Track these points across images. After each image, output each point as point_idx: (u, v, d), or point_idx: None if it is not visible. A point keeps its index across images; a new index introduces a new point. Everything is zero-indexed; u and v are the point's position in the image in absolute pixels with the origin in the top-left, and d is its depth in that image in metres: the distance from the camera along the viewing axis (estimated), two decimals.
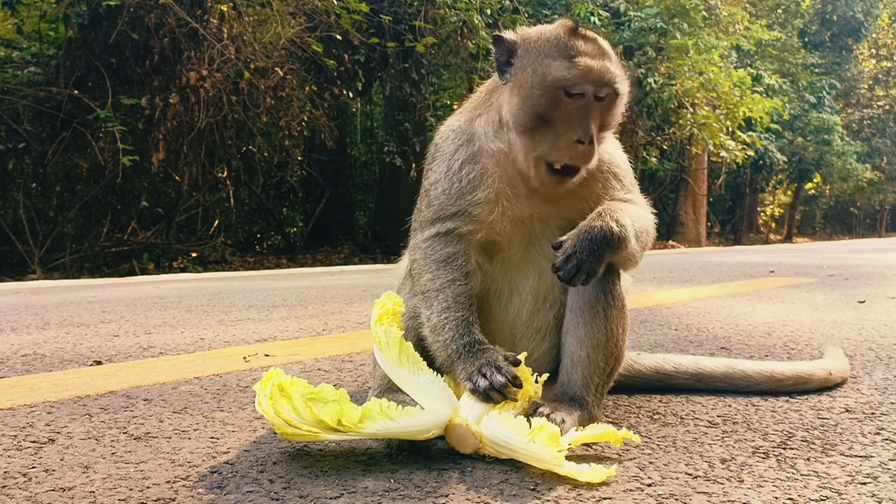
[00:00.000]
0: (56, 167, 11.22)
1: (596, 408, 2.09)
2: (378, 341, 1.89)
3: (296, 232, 16.87)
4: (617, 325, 2.09)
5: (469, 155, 2.03)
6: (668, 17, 17.66)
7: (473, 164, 2.02)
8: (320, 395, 1.80)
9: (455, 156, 2.05)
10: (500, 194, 2.00)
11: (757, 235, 35.17)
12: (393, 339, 1.88)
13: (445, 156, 2.08)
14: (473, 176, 2.01)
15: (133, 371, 2.96)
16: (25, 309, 5.28)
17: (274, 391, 1.80)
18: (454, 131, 2.11)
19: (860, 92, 40.22)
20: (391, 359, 1.87)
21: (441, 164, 2.08)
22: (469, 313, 1.98)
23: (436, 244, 2.04)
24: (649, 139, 19.46)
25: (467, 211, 2.01)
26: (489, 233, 2.03)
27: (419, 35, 13.09)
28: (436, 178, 2.07)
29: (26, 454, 1.89)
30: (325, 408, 1.76)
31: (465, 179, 2.01)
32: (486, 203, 2.00)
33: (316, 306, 5.40)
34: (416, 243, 2.09)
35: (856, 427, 2.12)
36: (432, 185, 2.08)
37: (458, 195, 2.02)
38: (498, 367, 1.85)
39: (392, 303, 1.96)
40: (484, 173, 2.01)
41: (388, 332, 1.89)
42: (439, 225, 2.04)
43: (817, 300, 5.66)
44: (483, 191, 2.00)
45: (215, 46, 11.11)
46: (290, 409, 1.78)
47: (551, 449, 1.68)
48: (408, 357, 1.87)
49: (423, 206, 2.12)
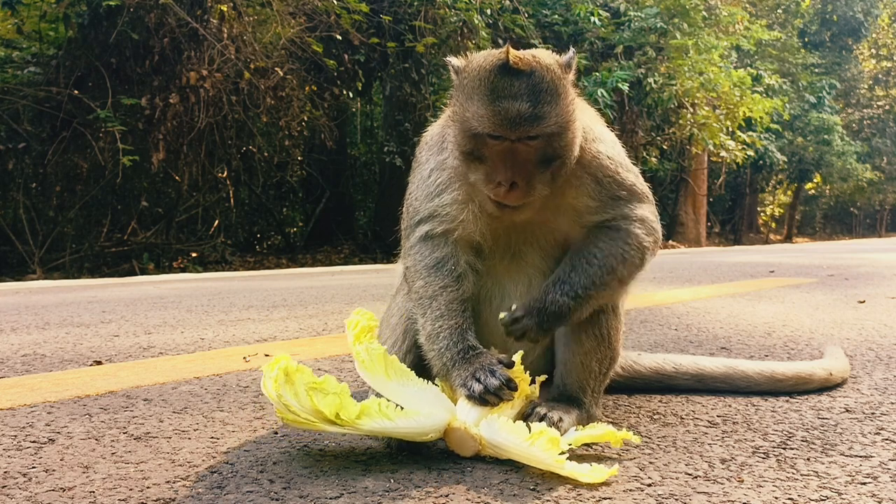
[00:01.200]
0: (56, 167, 11.22)
1: (594, 406, 2.10)
2: (361, 361, 1.90)
3: (296, 232, 16.87)
4: (609, 328, 2.10)
5: (438, 163, 2.06)
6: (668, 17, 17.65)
7: (441, 170, 2.04)
8: (322, 385, 1.80)
9: (426, 164, 2.09)
10: (470, 197, 1.99)
11: (757, 235, 35.17)
12: (376, 356, 1.89)
13: (420, 165, 2.13)
14: (441, 181, 2.03)
15: (133, 371, 2.96)
16: (25, 309, 5.28)
17: (279, 375, 1.81)
18: (427, 143, 2.15)
19: (860, 92, 40.22)
20: (378, 374, 1.88)
21: (417, 173, 2.13)
22: (462, 320, 1.98)
23: (423, 249, 2.05)
24: (649, 139, 19.46)
25: (438, 213, 2.03)
26: (467, 232, 2.02)
27: (419, 35, 13.09)
28: (412, 188, 2.13)
29: (26, 454, 1.89)
30: (326, 399, 1.77)
31: (433, 185, 2.04)
32: (454, 203, 2.00)
33: (316, 306, 5.40)
34: (406, 250, 2.12)
35: (856, 427, 2.12)
36: (410, 195, 2.13)
37: (428, 199, 2.04)
38: (492, 370, 1.85)
39: (365, 319, 1.99)
40: (452, 178, 2.02)
41: (369, 350, 1.90)
42: (419, 229, 2.06)
43: (817, 300, 5.66)
44: (450, 193, 2.01)
45: (215, 46, 11.11)
46: (292, 395, 1.79)
47: (552, 452, 1.68)
48: (395, 370, 1.89)
49: (405, 214, 2.16)
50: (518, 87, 1.80)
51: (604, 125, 2.16)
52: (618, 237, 2.01)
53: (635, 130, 18.20)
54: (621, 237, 2.01)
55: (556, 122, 1.82)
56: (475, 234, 2.02)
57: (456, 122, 1.91)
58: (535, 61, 1.84)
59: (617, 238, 2.01)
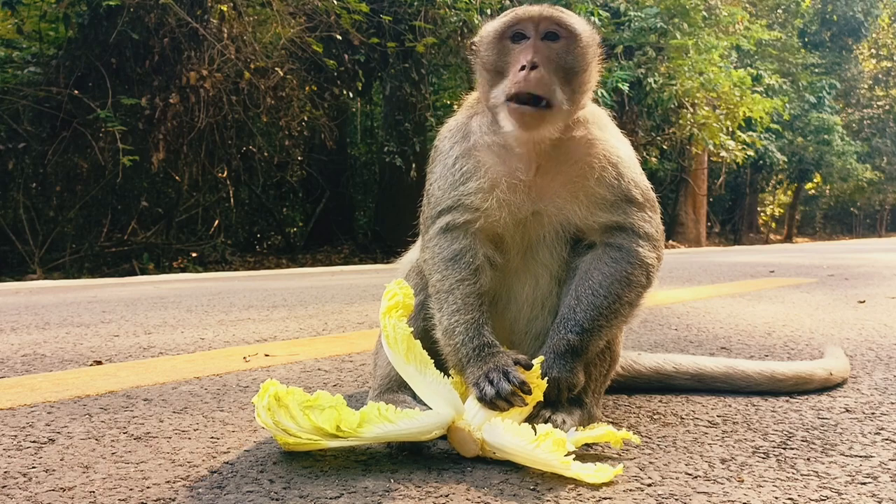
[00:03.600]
0: (56, 167, 11.22)
1: (595, 407, 2.10)
2: (386, 335, 1.87)
3: (296, 232, 16.87)
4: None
5: (464, 150, 2.05)
6: (668, 17, 17.65)
7: (467, 158, 2.03)
8: (317, 402, 1.79)
9: (450, 152, 2.07)
10: (495, 184, 1.99)
11: (757, 235, 35.16)
12: (402, 335, 1.85)
13: (442, 154, 2.10)
14: (467, 168, 2.02)
15: (133, 371, 2.96)
16: (25, 309, 5.28)
17: (271, 402, 1.79)
18: (451, 130, 2.14)
19: (860, 92, 40.21)
20: (399, 353, 1.85)
21: (439, 163, 2.11)
22: (479, 314, 1.96)
23: (442, 241, 2.03)
24: (649, 139, 19.46)
25: (462, 202, 2.01)
26: (489, 223, 2.01)
27: (419, 35, 13.09)
28: (435, 178, 2.10)
29: (26, 454, 1.89)
30: (323, 414, 1.76)
31: (458, 173, 2.03)
32: (479, 192, 1.99)
33: (316, 306, 5.40)
34: (425, 242, 2.10)
35: (856, 427, 2.12)
36: (432, 185, 2.10)
37: (452, 188, 2.02)
38: (506, 372, 1.81)
39: (402, 294, 1.91)
40: (478, 165, 2.01)
41: (396, 328, 1.85)
42: (440, 220, 2.04)
43: (817, 300, 5.66)
44: (475, 181, 2.00)
45: (215, 46, 11.11)
46: (288, 418, 1.78)
47: (557, 454, 1.67)
48: (415, 355, 1.85)
49: (426, 205, 2.14)
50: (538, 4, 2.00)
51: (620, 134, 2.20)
52: (621, 258, 2.01)
53: (635, 130, 18.20)
54: (624, 258, 2.01)
55: (575, 27, 1.97)
56: (497, 223, 2.01)
57: (481, 58, 2.03)
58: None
59: (620, 259, 2.01)
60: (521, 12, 1.96)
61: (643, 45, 17.54)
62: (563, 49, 1.94)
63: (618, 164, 2.03)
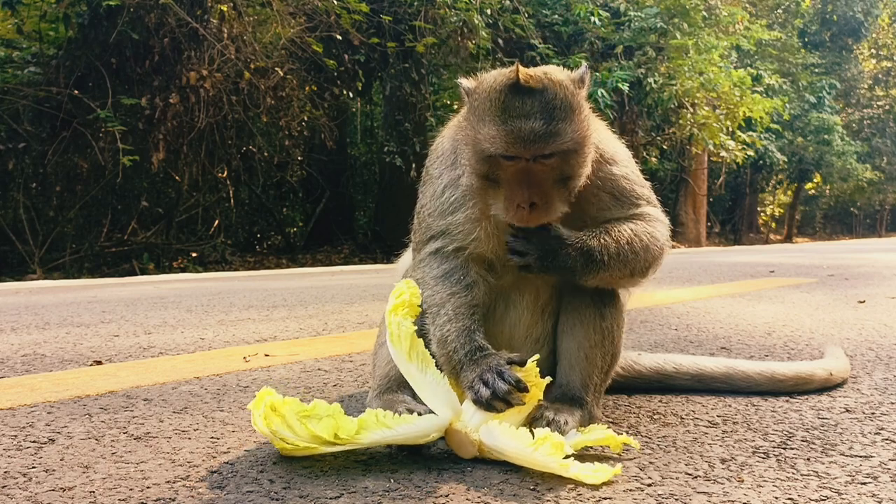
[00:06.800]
0: (56, 167, 11.23)
1: (595, 407, 2.10)
2: (391, 333, 1.87)
3: (296, 232, 16.87)
4: (613, 323, 2.09)
5: (451, 179, 2.03)
6: (668, 17, 17.63)
7: (455, 188, 2.02)
8: (314, 411, 1.79)
9: (439, 180, 2.06)
10: (484, 215, 1.97)
11: (757, 235, 35.17)
12: (405, 333, 1.85)
13: (432, 178, 2.10)
14: (455, 198, 2.01)
15: (133, 371, 2.96)
16: (25, 309, 5.28)
17: (267, 412, 1.79)
18: (439, 156, 2.12)
19: (860, 92, 40.22)
20: (402, 351, 1.85)
21: (429, 187, 2.10)
22: (471, 322, 1.96)
23: (432, 262, 2.04)
24: (649, 139, 19.45)
25: (450, 231, 2.01)
26: (479, 250, 2.01)
27: (419, 35, 13.09)
28: (425, 201, 2.10)
29: (26, 454, 1.89)
30: (320, 424, 1.76)
31: (447, 203, 2.02)
32: (467, 222, 1.99)
33: (316, 306, 5.40)
34: (416, 263, 2.11)
35: (856, 427, 2.12)
36: (422, 208, 2.11)
37: (441, 216, 2.02)
38: (500, 371, 1.80)
39: (409, 293, 1.90)
40: (465, 195, 1.99)
41: (400, 325, 1.86)
42: (430, 245, 2.05)
43: (817, 300, 5.66)
44: (463, 212, 1.99)
45: (215, 46, 11.11)
46: (285, 427, 1.78)
47: (556, 456, 1.67)
48: (418, 354, 1.86)
49: (416, 227, 2.15)
50: (530, 105, 1.77)
51: (616, 141, 2.16)
52: (642, 222, 2.02)
53: (635, 130, 18.20)
54: (646, 221, 2.03)
55: (571, 138, 1.79)
56: (487, 252, 2.01)
57: (469, 144, 1.87)
58: (546, 78, 1.81)
59: (641, 222, 2.02)
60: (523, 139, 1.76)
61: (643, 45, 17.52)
62: (559, 163, 1.82)
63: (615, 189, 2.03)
